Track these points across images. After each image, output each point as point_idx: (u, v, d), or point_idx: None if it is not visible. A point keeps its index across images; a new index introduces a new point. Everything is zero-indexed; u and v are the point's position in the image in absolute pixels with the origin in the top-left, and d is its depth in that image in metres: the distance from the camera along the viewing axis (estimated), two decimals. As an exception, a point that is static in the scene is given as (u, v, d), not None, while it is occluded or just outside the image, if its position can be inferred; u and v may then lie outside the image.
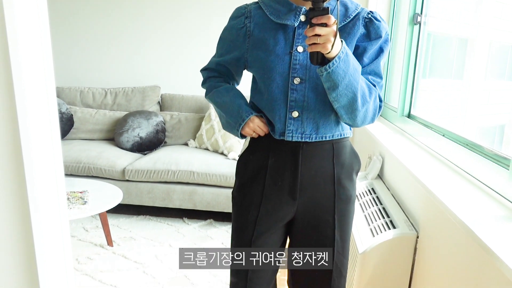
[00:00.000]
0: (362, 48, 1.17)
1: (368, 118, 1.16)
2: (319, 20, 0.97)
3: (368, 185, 2.27)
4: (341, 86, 1.05)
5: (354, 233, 1.84)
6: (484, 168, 1.49)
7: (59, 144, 0.90)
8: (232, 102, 1.25)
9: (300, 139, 1.18)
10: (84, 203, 2.21)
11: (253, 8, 1.22)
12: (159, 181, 2.91)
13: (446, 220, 1.41)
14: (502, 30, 4.37)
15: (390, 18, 3.09)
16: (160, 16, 3.62)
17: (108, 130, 3.45)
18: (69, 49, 3.75)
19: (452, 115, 4.52)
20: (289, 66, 1.16)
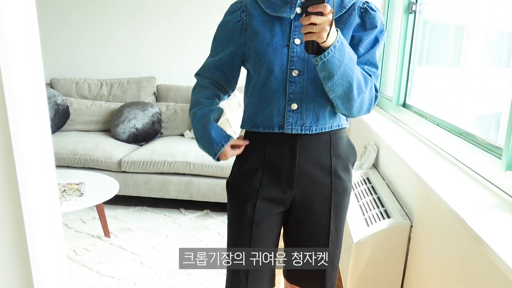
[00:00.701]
0: (358, 38, 1.17)
1: (364, 108, 1.16)
2: (314, 8, 0.97)
3: (363, 175, 2.28)
4: (336, 76, 1.04)
5: (349, 223, 1.86)
6: (477, 158, 1.50)
7: (49, 135, 0.90)
8: (205, 131, 1.24)
9: (299, 131, 1.18)
10: (80, 195, 2.22)
11: (248, 2, 1.22)
12: (155, 172, 2.91)
13: (439, 210, 1.42)
14: (499, 17, 4.36)
15: (385, 7, 3.08)
16: (156, 6, 3.59)
17: (104, 121, 3.44)
18: (65, 40, 3.72)
19: (448, 103, 4.53)
20: (287, 58, 1.16)
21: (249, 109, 1.25)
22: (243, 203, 1.25)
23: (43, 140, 0.86)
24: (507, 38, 4.55)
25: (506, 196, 1.27)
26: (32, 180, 0.83)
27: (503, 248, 0.99)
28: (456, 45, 4.42)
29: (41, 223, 0.85)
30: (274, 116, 1.19)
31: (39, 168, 0.85)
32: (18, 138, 0.79)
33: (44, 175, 0.86)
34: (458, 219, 1.20)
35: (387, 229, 1.63)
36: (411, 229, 1.64)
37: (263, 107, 1.20)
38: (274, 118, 1.19)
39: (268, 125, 1.21)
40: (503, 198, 1.28)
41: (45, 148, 0.87)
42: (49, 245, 0.87)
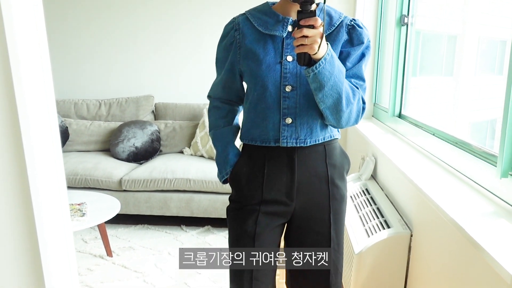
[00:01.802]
0: (346, 53, 1.23)
1: (352, 119, 1.21)
2: (306, 22, 1.02)
3: (362, 186, 2.31)
4: (327, 87, 1.09)
5: (350, 234, 1.88)
6: (473, 166, 1.52)
7: (61, 155, 0.93)
8: (223, 151, 1.33)
9: (295, 144, 1.23)
10: (82, 215, 2.23)
11: (240, 20, 1.27)
12: (156, 190, 2.93)
13: (438, 218, 1.44)
14: (490, 25, 4.43)
15: (377, 20, 3.14)
16: (151, 26, 3.65)
17: (103, 141, 3.47)
18: (62, 61, 3.77)
19: (443, 111, 4.57)
20: (280, 75, 1.20)
21: (246, 123, 1.29)
22: (245, 220, 1.28)
23: (55, 162, 0.89)
24: (499, 46, 4.61)
25: (503, 202, 1.30)
26: (45, 200, 0.85)
27: (502, 254, 1.01)
28: (449, 54, 4.49)
29: (54, 243, 0.87)
30: (270, 130, 1.23)
31: (52, 189, 0.87)
32: (32, 159, 0.82)
33: (56, 195, 0.88)
34: (457, 227, 1.22)
35: (388, 239, 1.65)
36: (411, 238, 1.65)
37: (259, 121, 1.25)
38: (270, 132, 1.24)
39: (265, 139, 1.25)
40: (499, 205, 1.31)
41: (57, 169, 0.89)
42: (62, 265, 0.89)
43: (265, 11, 1.25)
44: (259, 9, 1.27)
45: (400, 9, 2.52)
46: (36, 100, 0.84)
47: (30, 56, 0.82)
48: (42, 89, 0.86)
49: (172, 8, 3.59)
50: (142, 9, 3.62)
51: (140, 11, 3.63)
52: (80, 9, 3.67)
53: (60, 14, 3.69)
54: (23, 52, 0.80)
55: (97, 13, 3.67)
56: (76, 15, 3.68)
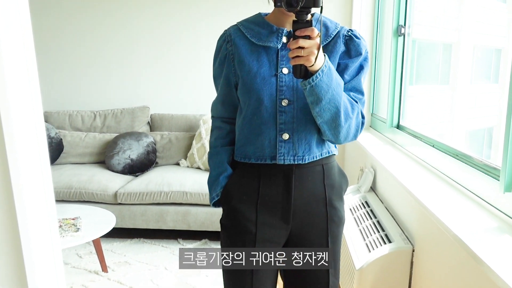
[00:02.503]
0: (343, 65, 1.18)
1: (350, 135, 1.15)
2: (302, 32, 0.97)
3: (361, 198, 2.28)
4: (324, 100, 1.04)
5: (350, 248, 1.84)
6: (475, 179, 1.50)
7: (49, 170, 0.89)
8: (214, 172, 1.27)
9: (292, 162, 1.17)
10: (77, 230, 2.18)
11: (232, 32, 1.22)
12: (152, 203, 2.89)
13: (441, 233, 1.41)
14: (485, 33, 4.44)
15: (374, 31, 3.13)
16: (147, 37, 3.63)
17: (98, 153, 3.43)
18: (56, 72, 3.73)
19: (440, 120, 4.57)
20: (276, 88, 1.15)
21: (240, 139, 1.23)
22: (239, 247, 1.21)
23: (43, 176, 0.85)
24: (494, 54, 4.63)
25: (506, 217, 1.27)
26: (32, 216, 0.81)
27: (506, 271, 0.98)
28: (445, 63, 4.49)
29: (42, 261, 0.83)
30: (266, 147, 1.17)
31: (39, 204, 0.83)
32: (17, 174, 0.78)
33: (44, 211, 0.84)
34: (460, 243, 1.19)
35: (389, 254, 1.62)
36: (413, 253, 1.62)
37: (254, 138, 1.19)
38: (266, 149, 1.18)
39: (260, 156, 1.19)
40: (503, 220, 1.28)
41: (45, 185, 0.86)
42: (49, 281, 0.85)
43: (258, 22, 1.20)
44: (251, 20, 1.22)
45: (397, 20, 2.51)
46: (21, 112, 0.80)
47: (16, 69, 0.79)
48: (29, 100, 0.82)
49: (168, 19, 3.58)
50: (138, 20, 3.61)
51: (135, 22, 3.61)
52: (75, 20, 3.64)
53: (55, 25, 3.66)
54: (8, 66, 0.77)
55: (92, 24, 3.65)
56: (72, 26, 3.66)
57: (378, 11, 3.06)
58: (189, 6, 3.53)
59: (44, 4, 3.62)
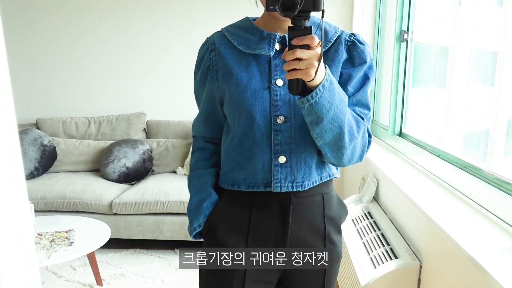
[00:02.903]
0: (346, 75, 1.03)
1: (355, 156, 1.00)
2: (300, 41, 0.82)
3: (364, 209, 2.21)
4: (326, 120, 0.89)
5: (354, 263, 1.78)
6: (486, 193, 1.44)
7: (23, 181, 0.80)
8: (195, 197, 1.09)
9: (291, 189, 1.01)
10: (70, 244, 2.11)
11: (216, 39, 1.06)
12: (148, 213, 2.81)
13: (451, 250, 1.35)
14: (481, 37, 4.42)
15: (375, 36, 3.08)
16: (142, 41, 3.56)
17: (93, 161, 3.35)
18: (49, 78, 3.65)
19: (436, 123, 4.54)
20: (269, 103, 0.99)
21: (227, 164, 1.06)
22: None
23: (15, 189, 0.77)
24: (490, 57, 4.62)
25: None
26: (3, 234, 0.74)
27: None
28: (441, 66, 4.46)
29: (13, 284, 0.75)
30: (259, 172, 1.01)
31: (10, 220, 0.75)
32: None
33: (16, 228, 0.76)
34: (473, 261, 1.13)
35: (396, 271, 1.55)
36: (420, 270, 1.56)
37: (244, 161, 1.02)
38: (259, 175, 1.02)
39: (252, 183, 1.03)
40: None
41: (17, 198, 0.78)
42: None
43: (246, 27, 1.05)
44: (238, 25, 1.07)
45: (400, 25, 2.45)
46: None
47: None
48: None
49: (164, 24, 3.51)
50: (133, 25, 3.54)
51: (130, 26, 3.54)
52: (69, 25, 3.57)
53: (49, 31, 3.58)
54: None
55: (87, 29, 3.57)
56: (66, 31, 3.58)
57: (379, 15, 3.01)
58: (186, 12, 3.47)
59: (37, 10, 3.55)
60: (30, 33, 3.58)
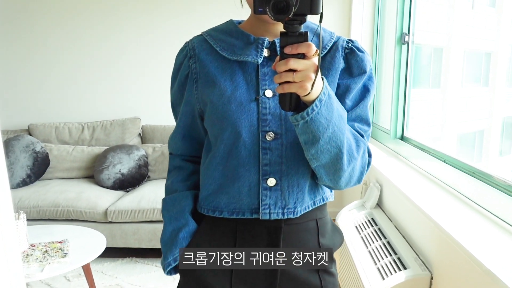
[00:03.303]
0: (344, 87, 0.91)
1: (354, 179, 0.88)
2: (294, 49, 0.70)
3: (367, 215, 2.16)
4: (322, 140, 0.78)
5: (360, 273, 1.72)
6: (498, 201, 1.39)
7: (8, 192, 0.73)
8: (170, 226, 0.96)
9: (281, 216, 0.89)
10: (64, 256, 2.03)
11: (196, 44, 0.94)
12: (144, 220, 2.74)
13: (463, 260, 1.30)
14: (475, 37, 4.42)
15: (374, 38, 3.03)
16: (136, 44, 3.49)
17: (87, 167, 3.27)
18: (41, 83, 3.57)
19: (431, 124, 4.53)
20: (257, 117, 0.87)
21: (208, 186, 0.93)
22: None
23: None
24: (483, 58, 4.62)
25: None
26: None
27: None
28: (436, 66, 4.45)
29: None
30: (244, 196, 0.89)
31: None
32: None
33: None
34: (489, 273, 1.08)
35: (406, 282, 1.50)
36: (431, 281, 1.50)
37: (227, 184, 0.90)
38: (244, 200, 0.89)
39: (236, 209, 0.90)
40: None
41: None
42: None
43: (230, 30, 0.93)
44: (221, 29, 0.95)
45: (401, 27, 2.41)
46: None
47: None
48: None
49: (159, 26, 3.44)
50: (126, 27, 3.46)
51: (125, 29, 3.47)
52: (62, 28, 3.49)
53: (41, 34, 3.50)
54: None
55: (80, 32, 3.49)
56: (58, 34, 3.50)
57: (378, 17, 2.97)
58: (181, 14, 3.40)
59: (29, 13, 3.46)
60: (21, 36, 3.50)
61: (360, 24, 3.06)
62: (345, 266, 1.97)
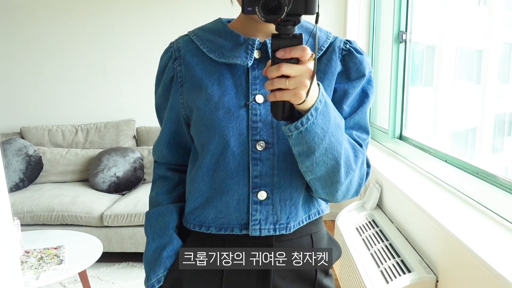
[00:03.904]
0: (341, 91, 0.84)
1: (351, 191, 0.82)
2: (287, 53, 0.63)
3: (368, 217, 2.14)
4: (318, 151, 0.72)
5: (363, 276, 1.69)
6: (502, 201, 1.37)
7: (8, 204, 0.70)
8: (153, 244, 0.89)
9: (272, 232, 0.83)
10: (60, 262, 1.98)
11: (182, 44, 0.88)
12: (141, 224, 2.69)
13: (469, 262, 1.27)
14: (466, 35, 4.44)
15: (370, 37, 3.01)
16: (130, 44, 3.44)
17: (81, 170, 3.21)
18: (33, 85, 3.51)
19: (425, 121, 4.53)
20: (247, 125, 0.81)
21: (193, 199, 0.87)
22: None
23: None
24: (475, 56, 4.64)
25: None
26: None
27: None
28: (428, 65, 4.46)
29: None
30: (232, 211, 0.83)
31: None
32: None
33: None
34: (497, 275, 1.06)
35: (411, 286, 1.47)
36: (436, 284, 1.48)
37: (215, 197, 0.84)
38: (233, 214, 0.83)
39: (224, 225, 0.84)
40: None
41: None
42: None
43: (219, 30, 0.86)
44: (208, 28, 0.88)
45: (398, 26, 2.39)
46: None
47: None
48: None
49: (153, 26, 3.40)
50: (120, 27, 3.42)
51: (117, 29, 3.42)
52: (53, 29, 3.43)
53: (32, 35, 3.44)
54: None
55: (72, 33, 3.44)
56: (50, 35, 3.44)
57: (374, 15, 2.94)
58: (175, 15, 3.36)
59: (20, 14, 3.40)
60: (12, 38, 3.44)
61: (356, 23, 3.03)
62: (347, 268, 1.95)
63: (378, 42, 2.92)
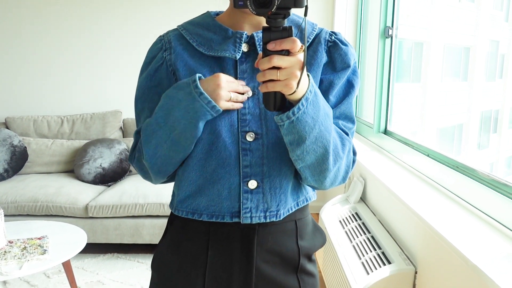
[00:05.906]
0: (327, 82, 0.87)
1: (339, 178, 0.86)
2: (278, 45, 0.66)
3: (351, 210, 2.16)
4: (309, 140, 0.75)
5: (345, 268, 1.72)
6: (482, 196, 1.39)
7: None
8: (171, 95, 0.83)
9: (263, 219, 0.86)
10: (43, 252, 1.98)
11: (172, 37, 0.89)
12: (126, 216, 2.69)
13: (447, 254, 1.30)
14: (454, 32, 4.48)
15: (357, 32, 3.03)
16: (116, 34, 3.41)
17: (66, 161, 3.19)
18: (18, 74, 3.47)
19: (411, 117, 4.58)
20: (236, 117, 0.84)
21: (184, 187, 0.88)
22: None
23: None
24: (462, 52, 4.69)
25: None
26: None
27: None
28: (416, 61, 4.50)
29: None
30: (224, 199, 0.85)
31: None
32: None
33: None
34: (473, 267, 1.09)
35: (390, 277, 1.50)
36: (415, 275, 1.51)
37: (206, 186, 0.86)
38: (224, 203, 0.85)
39: (216, 213, 0.86)
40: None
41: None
42: None
43: (207, 24, 0.88)
44: (197, 22, 0.89)
45: (384, 21, 2.40)
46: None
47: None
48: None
49: (140, 16, 3.37)
50: (106, 18, 3.39)
51: (103, 18, 3.39)
52: (37, 17, 3.39)
53: (15, 24, 3.39)
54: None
55: (56, 21, 3.40)
56: (34, 24, 3.40)
57: (361, 10, 2.96)
58: (161, 3, 3.34)
59: (4, 5, 3.35)
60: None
61: (344, 17, 3.05)
62: (330, 260, 1.98)
63: (365, 36, 2.94)
